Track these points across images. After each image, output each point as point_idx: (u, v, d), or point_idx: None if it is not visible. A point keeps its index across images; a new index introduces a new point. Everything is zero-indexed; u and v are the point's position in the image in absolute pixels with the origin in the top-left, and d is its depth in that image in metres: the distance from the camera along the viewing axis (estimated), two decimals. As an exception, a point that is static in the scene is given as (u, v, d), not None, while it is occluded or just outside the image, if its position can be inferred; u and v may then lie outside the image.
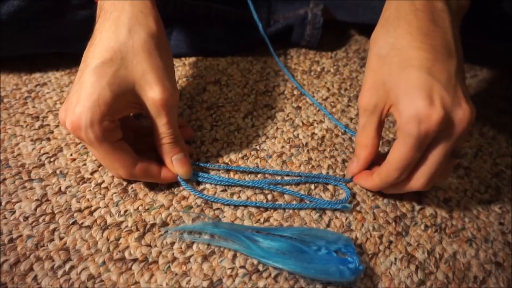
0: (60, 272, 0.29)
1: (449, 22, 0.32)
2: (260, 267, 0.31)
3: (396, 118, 0.31)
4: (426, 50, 0.31)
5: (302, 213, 0.35)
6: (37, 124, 0.41)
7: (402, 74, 0.31)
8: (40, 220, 0.32)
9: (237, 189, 0.36)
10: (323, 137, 0.43)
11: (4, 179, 0.35)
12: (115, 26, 0.32)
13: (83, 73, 0.31)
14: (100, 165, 0.37)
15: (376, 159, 0.36)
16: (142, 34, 0.32)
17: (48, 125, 0.41)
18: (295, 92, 0.49)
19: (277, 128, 0.44)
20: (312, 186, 0.38)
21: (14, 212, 0.33)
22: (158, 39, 0.33)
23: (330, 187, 0.38)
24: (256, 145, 0.41)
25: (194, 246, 0.32)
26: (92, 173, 0.36)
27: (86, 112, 0.29)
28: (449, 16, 0.32)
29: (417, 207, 0.37)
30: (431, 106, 0.29)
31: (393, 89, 0.31)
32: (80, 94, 0.30)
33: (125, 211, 0.34)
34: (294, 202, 0.36)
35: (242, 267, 0.31)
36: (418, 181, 0.32)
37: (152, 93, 0.31)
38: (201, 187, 0.36)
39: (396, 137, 0.31)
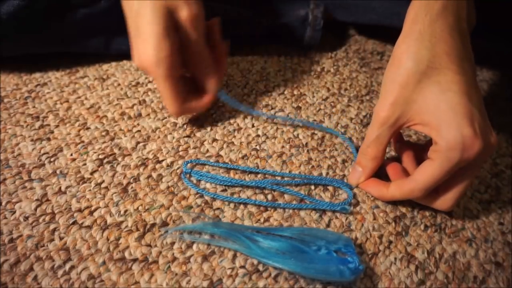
0: (60, 272, 0.29)
1: (470, 45, 0.33)
2: (260, 267, 0.31)
3: (434, 140, 0.31)
4: (463, 74, 0.31)
5: (302, 213, 0.35)
6: (37, 124, 0.41)
7: (442, 97, 0.31)
8: (40, 220, 0.32)
9: (237, 189, 0.37)
10: (323, 137, 0.43)
11: (4, 179, 0.35)
12: None
13: (139, 9, 0.35)
14: (100, 165, 0.37)
15: None
16: None
17: (48, 125, 0.41)
18: (295, 92, 0.49)
19: (277, 128, 0.44)
20: (312, 187, 0.38)
21: (14, 212, 0.33)
22: None
23: (330, 187, 0.38)
24: (256, 145, 0.41)
25: (194, 246, 0.32)
26: (92, 173, 0.36)
27: (157, 49, 0.34)
28: (469, 38, 0.33)
29: (417, 207, 0.37)
30: (476, 135, 0.29)
31: (429, 110, 0.31)
32: (146, 33, 0.34)
33: (125, 211, 0.34)
34: (294, 202, 0.36)
35: (242, 267, 0.31)
36: (445, 203, 0.34)
37: (185, 12, 0.36)
38: (201, 187, 0.36)
39: (429, 157, 0.32)
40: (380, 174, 0.37)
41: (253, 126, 0.44)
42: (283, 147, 0.41)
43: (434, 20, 0.32)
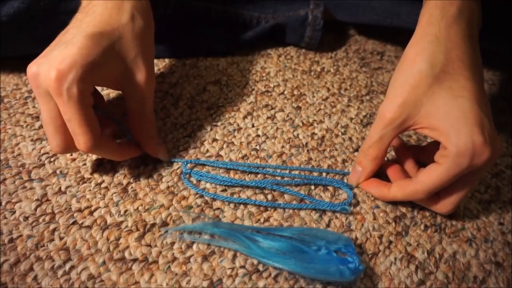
0: (60, 272, 0.29)
1: (479, 51, 0.33)
2: (260, 267, 0.31)
3: (443, 145, 0.31)
4: (474, 80, 0.31)
5: (302, 213, 0.35)
6: (37, 124, 0.41)
7: (454, 103, 0.31)
8: (40, 220, 0.32)
9: (237, 189, 0.37)
10: (323, 137, 0.43)
11: (4, 179, 0.35)
12: (118, 9, 0.33)
13: (75, 35, 0.31)
14: (100, 165, 0.37)
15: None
16: (141, 23, 0.34)
17: (48, 125, 0.41)
18: (295, 92, 0.49)
19: (277, 128, 0.44)
20: (312, 187, 0.38)
21: (14, 212, 0.33)
22: (151, 32, 0.37)
23: (330, 187, 0.38)
24: (256, 145, 0.41)
25: (194, 246, 0.32)
26: (92, 173, 0.36)
27: (78, 68, 0.29)
28: (478, 44, 0.33)
29: (417, 207, 0.37)
30: (486, 143, 0.29)
31: (439, 115, 0.31)
32: (71, 51, 0.29)
33: (125, 211, 0.34)
34: (294, 202, 0.36)
35: (242, 267, 0.31)
36: (446, 207, 0.34)
37: (140, 76, 0.34)
38: (201, 187, 0.36)
39: (435, 161, 0.32)
40: (380, 174, 0.37)
41: (253, 126, 0.44)
42: (283, 147, 0.41)
43: (450, 25, 0.32)
